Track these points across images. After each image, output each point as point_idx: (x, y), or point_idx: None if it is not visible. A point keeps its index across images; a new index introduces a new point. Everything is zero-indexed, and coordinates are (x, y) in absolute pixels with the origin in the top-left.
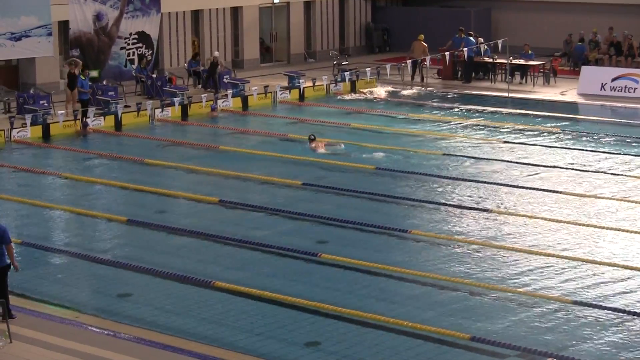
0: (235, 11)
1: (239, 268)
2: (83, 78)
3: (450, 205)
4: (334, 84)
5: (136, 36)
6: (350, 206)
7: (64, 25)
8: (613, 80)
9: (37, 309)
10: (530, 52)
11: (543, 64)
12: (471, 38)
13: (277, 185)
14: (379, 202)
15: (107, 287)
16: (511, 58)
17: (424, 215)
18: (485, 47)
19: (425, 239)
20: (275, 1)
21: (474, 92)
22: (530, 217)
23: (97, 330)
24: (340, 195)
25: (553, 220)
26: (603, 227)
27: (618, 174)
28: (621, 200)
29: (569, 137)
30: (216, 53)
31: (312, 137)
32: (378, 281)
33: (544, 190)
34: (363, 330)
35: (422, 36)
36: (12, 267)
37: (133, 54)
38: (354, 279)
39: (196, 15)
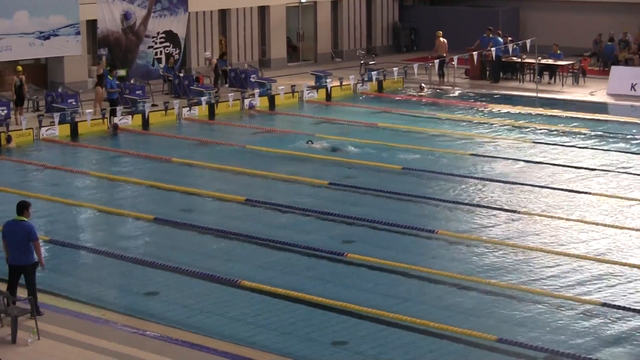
0: (263, 10)
1: (265, 267)
2: (111, 78)
3: (477, 205)
4: (361, 84)
5: (164, 35)
6: (377, 206)
7: (92, 24)
8: None
9: (64, 306)
10: (559, 52)
11: (572, 63)
12: (499, 38)
13: (304, 185)
14: (406, 202)
15: (134, 285)
16: (540, 58)
17: (451, 216)
18: (515, 46)
19: (453, 239)
20: (302, 0)
21: (502, 92)
22: (559, 218)
23: (124, 328)
24: (366, 195)
25: (582, 222)
26: (633, 229)
27: None
28: None
29: (599, 137)
30: (207, 54)
31: (310, 142)
32: (404, 281)
33: (573, 191)
34: (389, 331)
35: (440, 32)
36: (39, 264)
37: (160, 53)
38: (380, 279)
39: (223, 14)
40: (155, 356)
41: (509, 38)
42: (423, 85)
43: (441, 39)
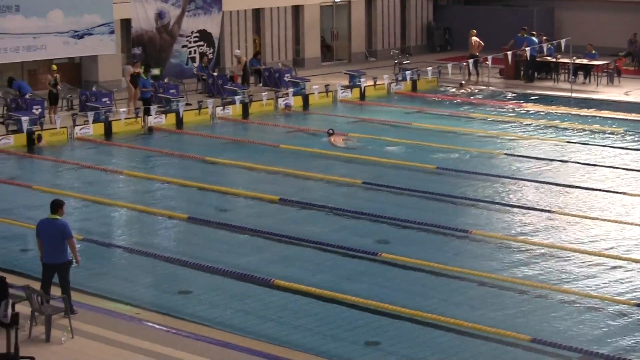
0: (297, 10)
1: (298, 266)
2: (145, 77)
3: (511, 205)
4: (395, 83)
5: (197, 34)
6: (411, 206)
7: (126, 23)
8: None
9: (98, 305)
10: (593, 51)
11: (607, 63)
12: (534, 38)
13: (337, 184)
14: (440, 201)
15: (168, 284)
16: (574, 57)
17: (484, 216)
18: (550, 45)
19: (486, 239)
20: (336, 0)
21: (537, 92)
22: (593, 218)
23: (158, 326)
24: (400, 194)
25: (616, 222)
26: None
27: None
28: None
29: (634, 137)
30: (237, 52)
31: (331, 131)
32: (438, 281)
33: (607, 191)
34: (423, 330)
35: (474, 31)
36: (74, 262)
37: (194, 52)
38: (413, 279)
39: (257, 13)
40: (189, 355)
41: (545, 37)
42: (463, 82)
43: (474, 38)
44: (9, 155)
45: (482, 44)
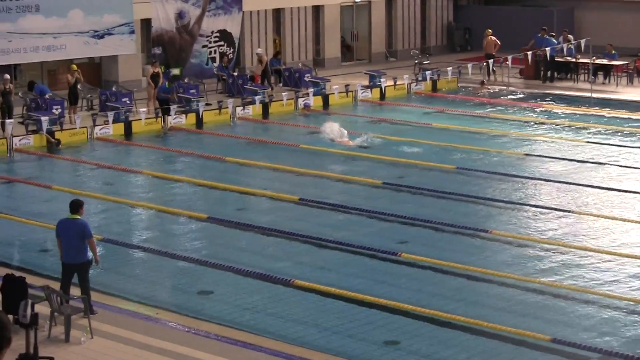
0: (317, 10)
1: (318, 267)
2: (168, 86)
3: (531, 205)
4: (415, 83)
5: (218, 34)
6: (431, 206)
7: (146, 23)
8: None
9: (118, 305)
10: (613, 51)
11: (627, 63)
12: (552, 39)
13: (357, 184)
14: (460, 202)
15: (188, 284)
16: (594, 58)
17: (504, 216)
18: (570, 45)
19: (506, 239)
20: (356, 0)
21: (557, 92)
22: (613, 218)
23: (177, 326)
24: (420, 195)
25: (636, 222)
26: None
27: None
28: None
29: None
30: (259, 50)
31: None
32: (457, 281)
33: (627, 191)
34: (442, 330)
35: (489, 31)
36: (93, 262)
37: (214, 52)
38: (433, 279)
39: (277, 13)
40: (209, 355)
41: (570, 36)
42: (485, 80)
43: (490, 37)
44: (29, 155)
45: (499, 43)
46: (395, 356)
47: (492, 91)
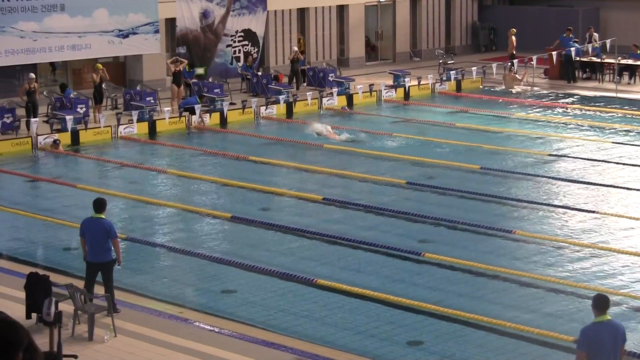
0: (341, 9)
1: (341, 266)
2: (199, 100)
3: (555, 206)
4: (440, 83)
5: (242, 34)
6: (455, 206)
7: (171, 22)
8: None
9: (141, 303)
10: (638, 51)
11: None
12: (576, 44)
13: (381, 184)
14: (484, 202)
15: (211, 283)
16: (619, 58)
17: (528, 216)
18: (596, 45)
19: (530, 239)
20: (381, 0)
21: (582, 92)
22: (637, 218)
23: (201, 325)
24: (444, 194)
25: None
26: None
27: None
28: None
29: None
30: (295, 49)
31: (346, 109)
32: (481, 281)
33: None
34: (466, 331)
35: (512, 30)
36: (116, 261)
37: (239, 52)
38: (457, 279)
39: (302, 13)
40: (232, 354)
41: (595, 33)
42: (519, 76)
43: (511, 37)
44: (54, 153)
45: (514, 43)
46: (418, 356)
47: (517, 91)
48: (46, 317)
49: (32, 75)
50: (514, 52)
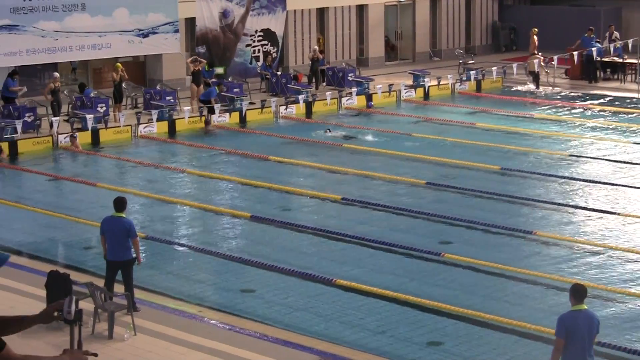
0: (361, 9)
1: (361, 266)
2: (218, 91)
3: (576, 207)
4: (459, 83)
5: (262, 33)
6: (474, 206)
7: (190, 22)
8: None
9: (161, 302)
10: None
11: None
12: (598, 43)
13: (401, 184)
14: (504, 202)
15: (231, 282)
16: None
17: (548, 217)
18: (617, 45)
19: (550, 240)
20: None
21: (603, 93)
22: None
23: (220, 325)
24: (464, 195)
25: None
26: None
27: None
28: None
29: None
30: (315, 48)
31: (329, 131)
32: (501, 282)
33: None
34: (485, 331)
35: (534, 30)
36: (136, 260)
37: (258, 51)
38: (476, 280)
39: (321, 12)
40: (251, 353)
41: (616, 32)
42: (538, 71)
43: (533, 37)
44: (74, 152)
45: (535, 43)
46: (438, 357)
47: (538, 91)
48: (67, 316)
49: (57, 74)
50: (536, 52)
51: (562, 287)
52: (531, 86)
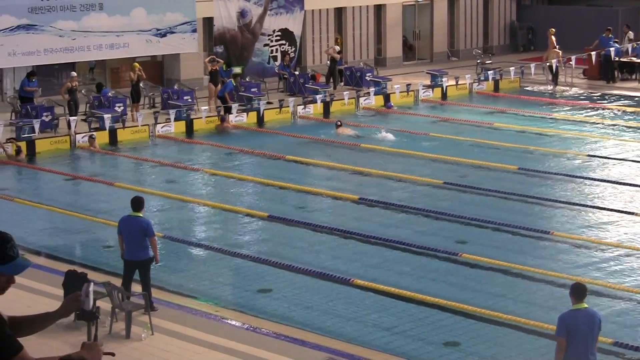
0: (379, 9)
1: (378, 266)
2: (234, 83)
3: (593, 207)
4: (477, 83)
5: (279, 33)
6: (492, 206)
7: (208, 22)
8: None
9: (178, 302)
10: None
11: None
12: (616, 44)
13: (418, 184)
14: (521, 202)
15: (248, 282)
16: None
17: (566, 217)
18: (635, 45)
19: (567, 240)
20: None
21: (621, 93)
22: None
23: (237, 324)
24: (481, 195)
25: None
26: None
27: None
28: None
29: None
30: (336, 47)
31: (339, 123)
32: (518, 282)
33: None
34: (502, 331)
35: (553, 30)
36: (154, 260)
37: (276, 51)
38: (493, 280)
39: (339, 12)
40: (269, 353)
41: (630, 32)
42: (557, 66)
43: (552, 37)
44: (91, 152)
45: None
46: (455, 357)
47: (555, 91)
48: (84, 304)
49: (74, 73)
50: (555, 47)
51: None
52: (549, 86)
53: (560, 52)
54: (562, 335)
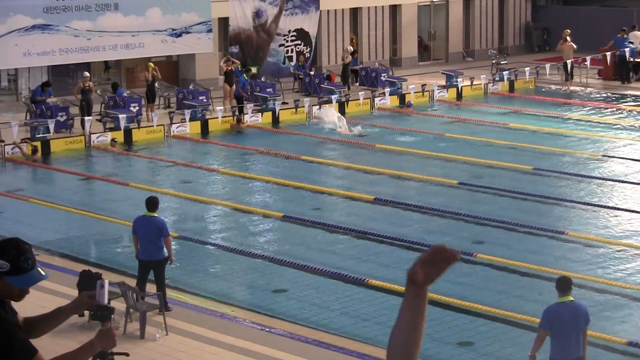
0: (394, 9)
1: (392, 266)
2: (246, 77)
3: (608, 207)
4: (492, 84)
5: (295, 33)
6: (507, 206)
7: (223, 22)
8: None
9: (193, 302)
10: None
11: None
12: (631, 43)
13: (433, 184)
14: (536, 202)
15: (263, 282)
16: None
17: (581, 217)
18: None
19: (582, 240)
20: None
21: (636, 93)
22: None
23: (252, 324)
24: (496, 195)
25: None
26: None
27: None
28: None
29: None
30: (350, 47)
31: (342, 119)
32: (533, 282)
33: None
34: (517, 332)
35: (567, 31)
36: (168, 260)
37: (291, 51)
38: (509, 280)
39: (355, 13)
40: (283, 353)
41: (638, 32)
42: (572, 60)
43: (569, 38)
44: (106, 152)
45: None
46: (469, 357)
47: (570, 92)
48: (100, 299)
49: (87, 74)
50: (568, 39)
51: (594, 287)
52: (563, 87)
53: (575, 46)
54: (546, 328)
